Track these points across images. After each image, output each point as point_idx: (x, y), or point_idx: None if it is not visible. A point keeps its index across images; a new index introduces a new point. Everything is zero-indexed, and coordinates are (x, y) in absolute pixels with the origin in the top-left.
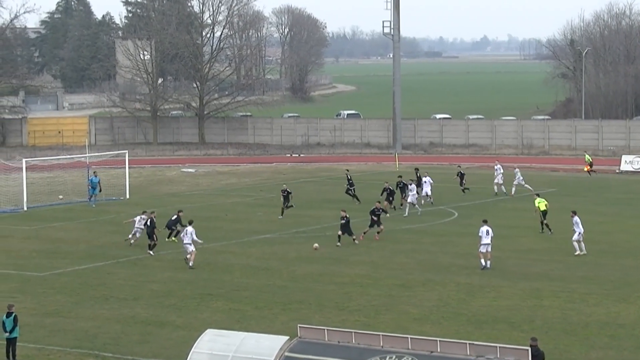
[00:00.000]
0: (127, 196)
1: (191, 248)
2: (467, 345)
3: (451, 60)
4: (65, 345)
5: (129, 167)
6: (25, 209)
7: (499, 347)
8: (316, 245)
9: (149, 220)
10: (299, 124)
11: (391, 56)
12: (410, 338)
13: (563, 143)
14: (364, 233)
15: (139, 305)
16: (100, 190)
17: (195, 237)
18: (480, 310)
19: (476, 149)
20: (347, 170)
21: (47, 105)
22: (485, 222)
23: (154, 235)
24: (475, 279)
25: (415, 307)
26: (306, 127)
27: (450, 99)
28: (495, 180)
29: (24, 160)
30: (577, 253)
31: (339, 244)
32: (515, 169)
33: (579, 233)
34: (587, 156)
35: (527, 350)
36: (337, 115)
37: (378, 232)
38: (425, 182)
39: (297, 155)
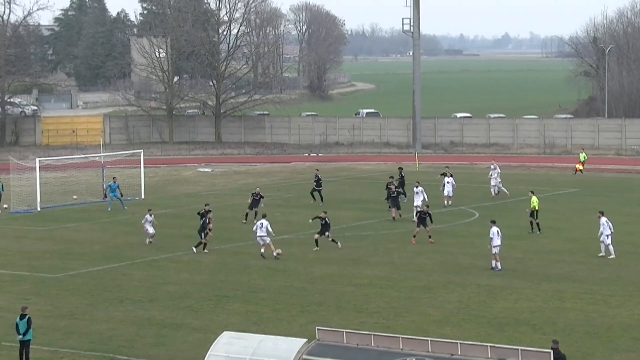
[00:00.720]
0: (143, 196)
1: (267, 239)
2: (489, 347)
3: (472, 58)
4: (79, 348)
5: (144, 167)
6: (38, 209)
7: (521, 349)
8: (279, 250)
9: (205, 217)
10: (317, 122)
11: (411, 54)
12: (431, 341)
13: (586, 142)
14: (414, 236)
15: (154, 307)
16: (121, 195)
17: (270, 229)
18: (501, 312)
19: (497, 149)
20: (317, 170)
21: (61, 104)
22: (493, 222)
23: (204, 233)
24: (496, 280)
25: (436, 309)
26: (324, 126)
27: (471, 97)
28: (493, 183)
29: (37, 159)
30: (601, 254)
31: (316, 248)
32: (492, 165)
33: (607, 235)
34: (582, 154)
35: (549, 353)
36: (355, 114)
37: (430, 236)
38: (447, 182)
39: (315, 154)
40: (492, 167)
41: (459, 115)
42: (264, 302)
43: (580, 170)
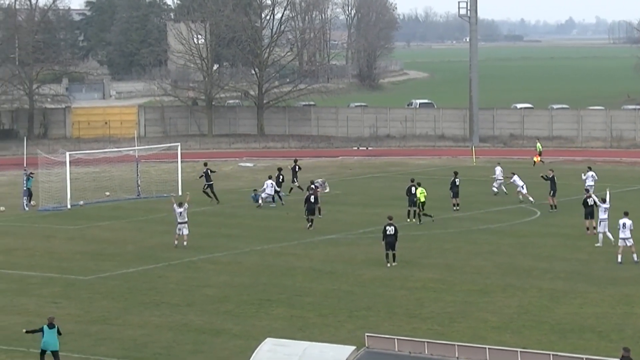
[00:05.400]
0: (180, 193)
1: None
2: (551, 356)
3: (533, 44)
4: (112, 355)
5: (181, 161)
6: (69, 206)
7: (586, 358)
8: None
9: (311, 194)
10: (366, 114)
11: (467, 40)
12: (488, 348)
13: None
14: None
15: (192, 311)
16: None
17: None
18: (564, 318)
19: (561, 142)
20: (206, 165)
21: (93, 94)
22: (626, 214)
23: (315, 210)
24: (559, 284)
25: (494, 314)
26: (374, 118)
27: (532, 86)
28: (495, 184)
29: (67, 153)
30: None
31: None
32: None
33: None
34: (538, 144)
35: None
36: (408, 105)
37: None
38: (513, 180)
39: (365, 148)
40: (495, 169)
41: (519, 106)
42: (309, 306)
43: (541, 161)
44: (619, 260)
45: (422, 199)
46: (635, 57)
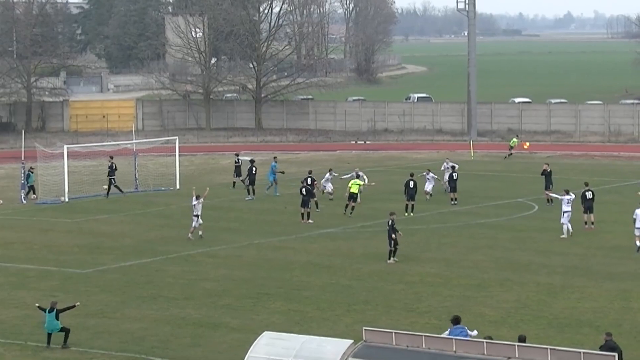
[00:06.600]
0: (177, 186)
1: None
2: (548, 350)
3: (531, 39)
4: (110, 349)
5: (179, 155)
6: (66, 200)
7: (583, 352)
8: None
9: (306, 184)
10: (364, 108)
11: (466, 34)
12: (486, 342)
13: None
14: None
15: (190, 305)
16: (276, 183)
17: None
18: (562, 312)
19: (558, 136)
20: (111, 158)
21: (91, 87)
22: None
23: (310, 203)
24: (556, 278)
25: (492, 308)
26: (372, 112)
27: (530, 81)
28: (445, 178)
29: (65, 147)
30: None
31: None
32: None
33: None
34: (513, 139)
35: (614, 356)
36: (406, 99)
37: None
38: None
39: (363, 142)
40: (446, 165)
41: (517, 100)
42: (307, 300)
43: (510, 153)
44: (638, 246)
45: (355, 190)
46: (633, 52)
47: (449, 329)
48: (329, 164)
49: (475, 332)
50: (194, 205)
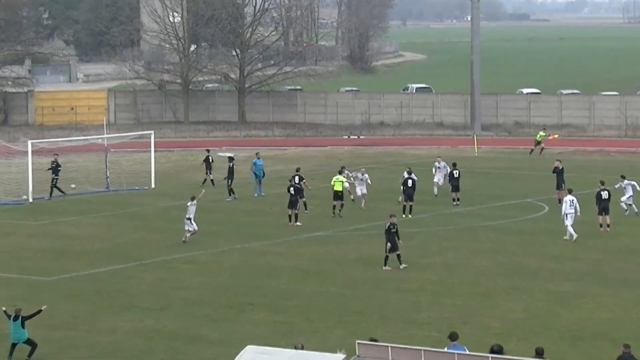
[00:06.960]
0: (153, 185)
1: None
2: None
3: (541, 23)
4: None
5: (155, 151)
6: (30, 200)
7: None
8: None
9: (294, 183)
10: (358, 99)
11: (469, 19)
12: (492, 357)
13: None
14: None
15: (166, 316)
16: (263, 176)
17: None
18: (575, 324)
19: (571, 130)
20: (56, 155)
21: (58, 77)
22: None
23: (299, 204)
24: (569, 286)
25: (498, 319)
26: (367, 104)
27: (539, 70)
28: (435, 179)
29: (29, 142)
30: None
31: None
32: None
33: None
34: (540, 133)
35: None
36: (404, 90)
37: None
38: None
39: (356, 137)
40: (438, 165)
41: (525, 91)
42: (295, 310)
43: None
44: None
45: (338, 188)
46: None
47: (446, 347)
48: (318, 160)
49: None
50: (188, 206)
